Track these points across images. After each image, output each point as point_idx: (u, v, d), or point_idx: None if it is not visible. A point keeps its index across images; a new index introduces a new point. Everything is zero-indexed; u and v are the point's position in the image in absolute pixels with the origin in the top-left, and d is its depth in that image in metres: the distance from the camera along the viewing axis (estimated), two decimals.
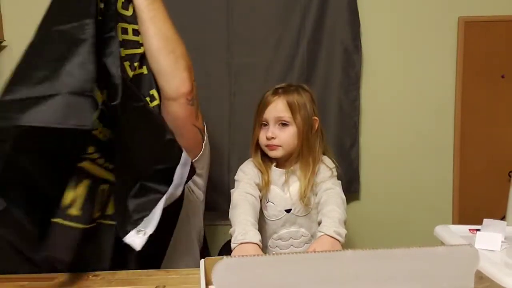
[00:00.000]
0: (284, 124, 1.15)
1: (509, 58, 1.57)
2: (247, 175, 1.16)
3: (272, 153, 1.17)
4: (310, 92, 1.21)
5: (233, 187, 1.15)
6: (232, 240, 0.96)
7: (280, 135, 1.15)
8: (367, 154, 1.63)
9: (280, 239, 1.18)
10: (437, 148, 1.63)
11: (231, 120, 1.55)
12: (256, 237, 0.94)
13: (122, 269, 0.95)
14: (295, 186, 1.16)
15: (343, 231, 0.97)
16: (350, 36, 1.55)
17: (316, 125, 1.19)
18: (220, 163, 1.52)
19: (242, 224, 0.98)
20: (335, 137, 1.56)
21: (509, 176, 1.58)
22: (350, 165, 1.60)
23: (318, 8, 1.52)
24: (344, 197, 1.11)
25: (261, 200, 1.14)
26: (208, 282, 0.70)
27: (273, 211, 1.17)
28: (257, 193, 1.12)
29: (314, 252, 0.89)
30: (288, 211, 1.16)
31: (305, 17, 1.53)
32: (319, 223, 1.02)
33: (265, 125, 1.18)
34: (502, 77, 1.58)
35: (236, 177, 1.18)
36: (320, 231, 0.98)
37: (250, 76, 1.55)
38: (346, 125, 1.59)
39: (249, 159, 1.22)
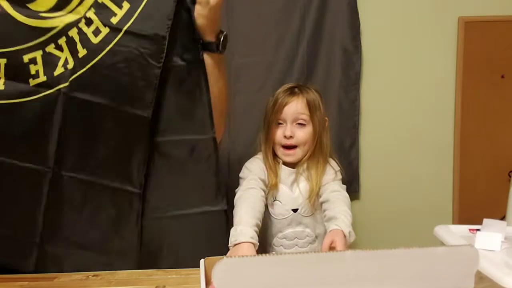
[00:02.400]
0: (301, 124, 1.16)
1: (509, 58, 1.57)
2: (252, 172, 1.15)
3: (288, 159, 1.17)
4: (320, 93, 1.22)
5: (233, 187, 1.15)
6: (228, 243, 0.96)
7: (298, 134, 1.16)
8: (367, 154, 1.63)
9: (285, 238, 1.17)
10: (437, 148, 1.63)
11: (231, 120, 1.55)
12: (248, 235, 0.93)
13: None
14: (303, 185, 1.16)
15: (353, 236, 0.97)
16: (350, 36, 1.55)
17: (326, 125, 1.19)
18: (220, 163, 1.51)
19: (236, 224, 0.98)
20: (335, 137, 1.55)
21: (509, 176, 1.58)
22: (350, 165, 1.60)
23: (318, 8, 1.52)
24: (350, 201, 1.10)
25: (267, 198, 1.14)
26: (208, 282, 0.70)
27: (280, 210, 1.16)
28: (260, 186, 1.11)
29: (331, 245, 0.90)
30: (295, 210, 1.16)
31: (305, 17, 1.53)
32: (331, 218, 1.01)
33: (281, 124, 1.18)
34: (502, 77, 1.58)
35: (240, 175, 1.18)
36: (337, 225, 0.96)
37: (250, 76, 1.54)
38: (346, 125, 1.59)
39: (254, 157, 1.21)
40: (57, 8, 0.85)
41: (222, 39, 1.01)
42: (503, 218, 1.22)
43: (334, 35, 1.54)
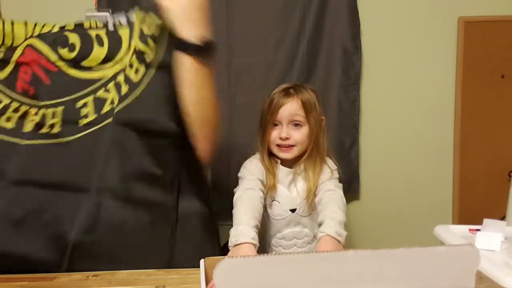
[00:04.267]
0: (297, 124, 1.16)
1: (509, 58, 1.57)
2: (250, 172, 1.15)
3: (284, 155, 1.17)
4: (316, 92, 1.21)
5: (233, 187, 1.15)
6: (228, 243, 0.96)
7: (294, 135, 1.16)
8: (367, 154, 1.63)
9: (283, 238, 1.17)
10: (437, 148, 1.63)
11: (231, 120, 1.55)
12: (248, 235, 0.93)
13: None
14: (301, 185, 1.16)
15: (344, 232, 0.97)
16: (350, 36, 1.55)
17: (323, 125, 1.19)
18: (220, 163, 1.52)
19: (236, 225, 0.98)
20: (335, 137, 1.56)
21: (509, 176, 1.58)
22: (350, 165, 1.60)
23: (318, 8, 1.53)
24: (345, 200, 1.10)
25: (265, 199, 1.14)
26: (208, 282, 0.70)
27: (278, 210, 1.16)
28: (259, 186, 1.11)
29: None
30: (293, 210, 1.16)
31: (305, 17, 1.53)
32: (320, 224, 1.01)
33: (276, 124, 1.18)
34: (502, 77, 1.58)
35: (239, 174, 1.18)
36: (322, 232, 0.97)
37: (250, 76, 1.55)
38: (346, 125, 1.59)
39: (253, 157, 1.21)
40: (105, 61, 0.98)
41: (205, 43, 0.94)
42: (503, 218, 1.22)
43: (334, 35, 1.54)
